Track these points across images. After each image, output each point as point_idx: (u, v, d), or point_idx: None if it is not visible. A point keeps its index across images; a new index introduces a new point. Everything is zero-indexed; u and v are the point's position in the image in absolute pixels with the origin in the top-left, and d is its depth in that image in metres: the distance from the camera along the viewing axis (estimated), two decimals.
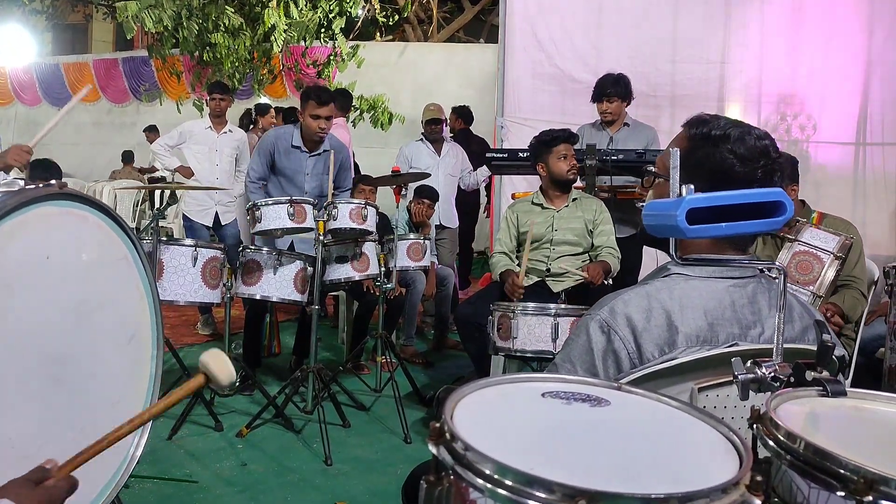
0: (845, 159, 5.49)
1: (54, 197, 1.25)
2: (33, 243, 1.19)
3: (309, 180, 4.41)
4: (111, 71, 13.38)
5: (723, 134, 1.47)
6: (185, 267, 3.60)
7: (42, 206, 1.21)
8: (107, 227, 1.41)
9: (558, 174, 3.79)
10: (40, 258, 1.21)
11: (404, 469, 3.16)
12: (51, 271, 1.23)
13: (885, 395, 1.11)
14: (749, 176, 1.44)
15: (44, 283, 1.22)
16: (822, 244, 2.82)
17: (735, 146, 1.45)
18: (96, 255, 1.38)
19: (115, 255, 1.44)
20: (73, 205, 1.31)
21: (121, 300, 1.46)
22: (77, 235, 1.32)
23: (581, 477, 0.73)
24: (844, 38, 5.38)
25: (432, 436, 0.82)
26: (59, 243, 1.27)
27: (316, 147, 4.39)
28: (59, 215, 1.27)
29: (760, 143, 1.46)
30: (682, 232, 1.05)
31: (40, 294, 1.21)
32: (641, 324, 1.43)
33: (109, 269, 1.42)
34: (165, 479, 3.01)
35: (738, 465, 0.82)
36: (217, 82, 5.87)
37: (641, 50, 5.62)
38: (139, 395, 1.50)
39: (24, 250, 1.16)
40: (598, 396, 1.02)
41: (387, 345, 4.15)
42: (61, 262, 1.26)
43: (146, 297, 1.52)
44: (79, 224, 1.33)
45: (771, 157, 1.46)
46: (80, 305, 1.30)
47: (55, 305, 1.24)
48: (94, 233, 1.37)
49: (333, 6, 8.27)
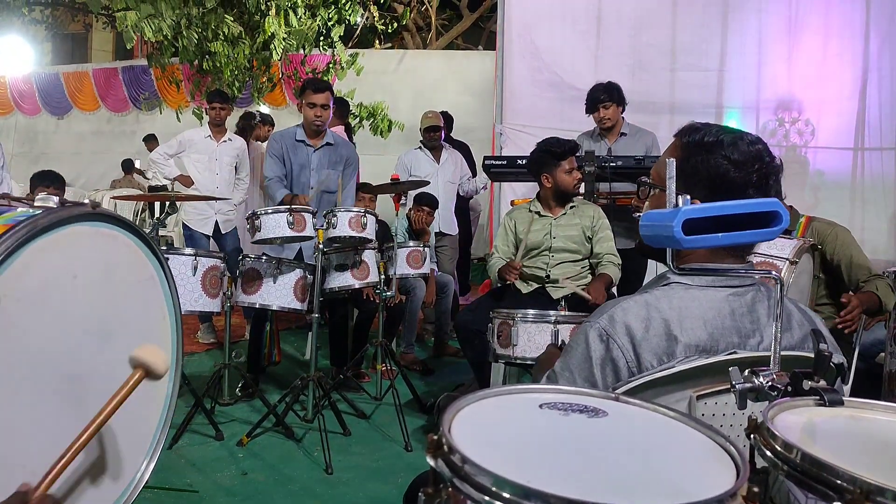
0: (844, 164, 5.51)
1: (87, 217, 1.25)
2: (62, 263, 1.20)
3: (314, 175, 4.43)
4: (111, 80, 13.41)
5: (716, 140, 1.47)
6: (185, 276, 3.60)
7: (74, 226, 1.22)
8: (135, 246, 1.41)
9: (565, 188, 3.80)
10: (68, 278, 1.21)
11: (405, 477, 3.16)
12: (77, 291, 1.23)
13: (883, 404, 1.11)
14: (744, 180, 1.44)
15: (69, 303, 1.22)
16: (777, 252, 2.83)
17: (729, 151, 1.45)
18: (123, 275, 1.38)
19: (141, 274, 1.44)
20: (104, 225, 1.31)
21: (143, 320, 1.46)
22: (105, 255, 1.33)
23: (579, 489, 0.74)
24: (841, 44, 5.40)
25: (430, 448, 0.82)
26: (87, 263, 1.27)
27: (319, 139, 4.43)
28: (90, 235, 1.28)
29: (753, 148, 1.47)
30: (679, 242, 1.06)
31: (65, 314, 1.21)
32: (640, 333, 1.43)
33: (135, 289, 1.42)
34: (166, 488, 3.01)
35: (735, 475, 0.82)
36: (216, 91, 5.88)
37: (639, 57, 5.65)
38: (154, 415, 1.50)
39: (52, 269, 1.17)
40: (596, 407, 1.02)
41: (387, 352, 4.15)
42: (88, 282, 1.26)
43: (169, 316, 1.52)
44: (108, 244, 1.33)
45: (765, 161, 1.46)
46: (102, 326, 1.30)
47: (79, 325, 1.25)
48: (123, 252, 1.38)
49: (332, 14, 8.30)
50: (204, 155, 5.56)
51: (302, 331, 5.97)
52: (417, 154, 5.91)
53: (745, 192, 1.43)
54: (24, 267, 1.11)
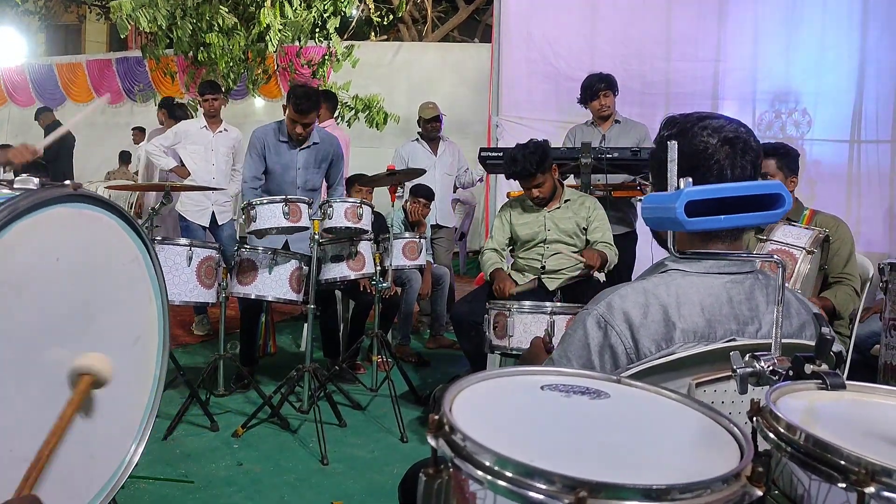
0: (840, 156, 5.50)
1: (69, 198, 1.24)
2: (44, 245, 1.18)
3: (301, 174, 4.38)
4: (105, 71, 13.34)
5: (679, 131, 1.47)
6: (180, 266, 3.58)
7: (56, 208, 1.20)
8: (120, 228, 1.39)
9: (532, 199, 3.82)
10: (51, 260, 1.19)
11: (400, 468, 3.14)
12: (60, 273, 1.22)
13: (885, 388, 1.11)
14: (707, 166, 1.43)
15: (53, 285, 1.21)
16: (794, 241, 2.82)
17: (687, 140, 1.44)
18: (107, 257, 1.37)
19: (126, 256, 1.42)
20: (87, 206, 1.29)
21: (129, 302, 1.44)
22: (89, 237, 1.31)
23: (582, 468, 0.73)
24: (838, 35, 5.39)
25: (431, 428, 0.81)
26: (71, 245, 1.25)
27: (303, 141, 4.37)
28: (72, 216, 1.26)
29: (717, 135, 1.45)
30: (682, 224, 1.05)
31: (49, 295, 1.20)
32: (638, 319, 1.43)
33: (120, 271, 1.41)
34: (161, 479, 3.00)
35: (738, 456, 0.82)
36: (208, 82, 5.81)
37: (636, 48, 5.63)
38: (142, 398, 1.49)
39: (34, 252, 1.15)
40: (598, 389, 1.01)
41: (383, 344, 4.15)
42: (71, 264, 1.25)
43: (155, 299, 1.50)
44: (91, 225, 1.31)
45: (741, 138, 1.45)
46: (87, 307, 1.29)
47: (63, 307, 1.23)
48: (107, 234, 1.36)
49: (328, 6, 8.25)
50: (200, 146, 5.52)
51: (298, 322, 5.96)
52: (415, 146, 5.89)
53: (707, 180, 1.42)
54: (6, 249, 1.09)
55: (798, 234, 2.86)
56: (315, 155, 4.38)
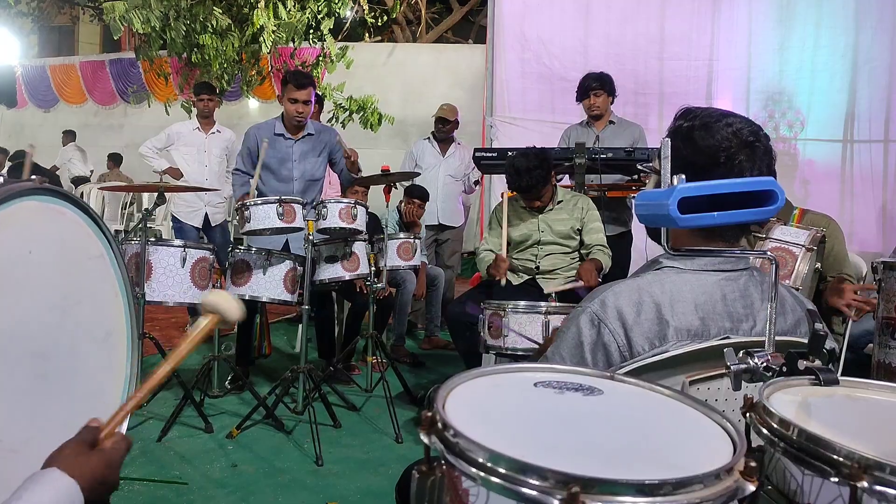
0: (833, 156, 5.52)
1: (35, 192, 1.24)
2: (16, 237, 1.18)
3: (297, 166, 4.39)
4: (98, 73, 13.30)
5: (691, 125, 1.45)
6: (173, 268, 3.57)
7: (24, 201, 1.20)
8: (84, 224, 1.40)
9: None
10: (23, 252, 1.19)
11: (396, 469, 3.14)
12: (34, 266, 1.22)
13: (877, 383, 1.11)
14: (710, 162, 1.41)
15: (28, 278, 1.20)
16: (793, 239, 2.83)
17: (699, 135, 1.43)
18: (75, 251, 1.37)
19: (91, 252, 1.43)
20: (53, 200, 1.30)
21: (97, 297, 1.45)
22: (57, 231, 1.32)
23: (574, 464, 0.73)
24: (832, 35, 5.41)
25: (424, 425, 0.81)
26: (41, 238, 1.26)
27: (299, 132, 4.38)
28: (40, 210, 1.26)
29: (727, 131, 1.43)
30: (674, 221, 1.05)
31: (24, 289, 1.20)
32: (632, 317, 1.42)
33: (87, 266, 1.41)
34: (155, 480, 2.99)
35: (731, 451, 0.82)
36: (203, 83, 5.82)
37: (629, 48, 5.65)
38: (117, 391, 1.49)
39: (7, 244, 1.15)
40: (591, 386, 1.01)
41: (377, 345, 4.14)
42: (44, 257, 1.25)
43: (121, 296, 1.51)
44: (57, 219, 1.32)
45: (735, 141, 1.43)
46: (62, 301, 1.29)
47: (39, 300, 1.23)
48: (72, 229, 1.36)
49: (322, 7, 8.24)
50: (193, 147, 5.52)
51: (292, 323, 5.95)
52: (425, 144, 5.91)
53: (710, 174, 1.39)
54: None
55: (796, 233, 2.87)
56: (312, 145, 4.42)
